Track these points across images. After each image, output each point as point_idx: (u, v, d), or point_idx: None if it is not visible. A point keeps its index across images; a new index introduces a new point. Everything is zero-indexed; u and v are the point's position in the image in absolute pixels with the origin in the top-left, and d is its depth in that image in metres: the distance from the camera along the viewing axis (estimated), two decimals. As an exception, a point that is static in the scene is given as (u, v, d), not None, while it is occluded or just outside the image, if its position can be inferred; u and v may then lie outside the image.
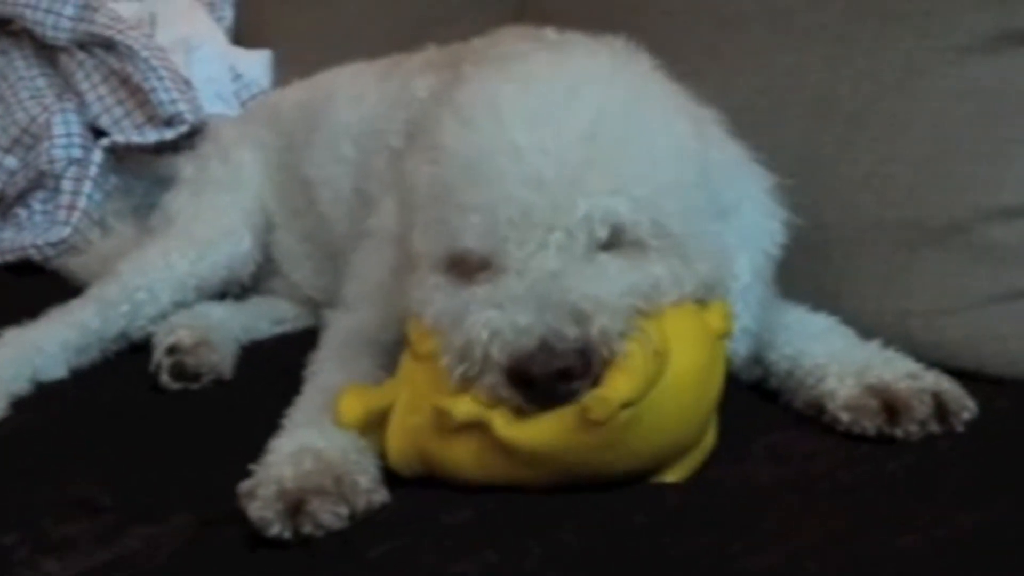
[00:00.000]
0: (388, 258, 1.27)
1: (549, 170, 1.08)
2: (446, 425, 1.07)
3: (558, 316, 1.04)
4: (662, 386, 1.06)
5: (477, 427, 1.07)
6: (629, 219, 1.09)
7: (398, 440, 1.13)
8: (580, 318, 1.04)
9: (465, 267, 1.12)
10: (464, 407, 1.06)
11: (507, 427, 1.06)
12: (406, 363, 1.15)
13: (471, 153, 1.12)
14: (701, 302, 1.14)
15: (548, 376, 1.04)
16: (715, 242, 1.17)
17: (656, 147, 1.13)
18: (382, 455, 1.14)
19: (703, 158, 1.17)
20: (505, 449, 1.06)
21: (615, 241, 1.10)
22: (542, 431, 1.05)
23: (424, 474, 1.13)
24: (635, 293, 1.08)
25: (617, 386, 1.03)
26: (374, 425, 1.14)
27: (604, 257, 1.10)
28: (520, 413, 1.06)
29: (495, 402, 1.06)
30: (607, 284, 1.07)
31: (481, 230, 1.09)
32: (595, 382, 1.04)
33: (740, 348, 1.23)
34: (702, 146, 1.18)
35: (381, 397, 1.15)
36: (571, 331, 1.04)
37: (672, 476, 1.12)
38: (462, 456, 1.09)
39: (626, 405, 1.03)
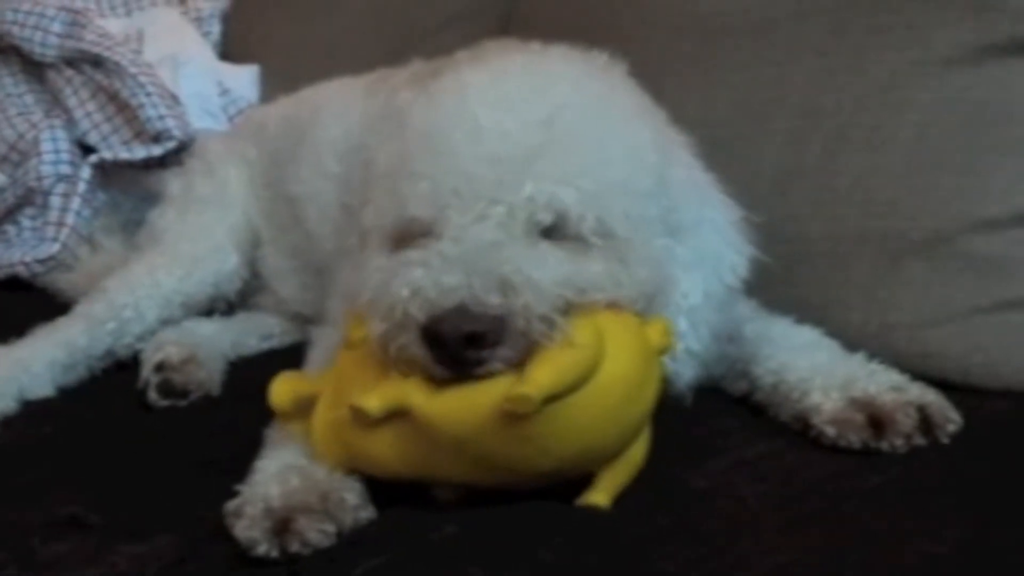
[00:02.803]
0: None
1: (502, 149, 1.09)
2: (364, 421, 1.07)
3: (484, 283, 1.04)
4: (588, 388, 1.04)
5: (396, 416, 1.06)
6: (574, 211, 1.09)
7: (321, 432, 1.13)
8: (506, 289, 1.04)
9: (408, 239, 1.12)
10: (377, 401, 1.05)
11: (426, 403, 1.05)
12: (339, 353, 1.15)
13: (431, 128, 1.13)
14: (642, 315, 1.13)
15: (458, 337, 1.03)
16: (660, 254, 1.17)
17: (612, 148, 1.14)
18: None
19: (661, 171, 1.18)
20: (424, 434, 1.05)
21: (557, 232, 1.10)
22: (461, 413, 1.04)
23: (348, 465, 1.12)
24: (568, 285, 1.07)
25: (538, 379, 1.02)
26: (302, 411, 1.14)
27: (544, 245, 1.10)
28: (435, 384, 1.05)
29: (409, 367, 1.05)
30: (542, 269, 1.06)
31: (427, 197, 1.10)
32: (518, 364, 1.03)
33: (685, 371, 1.22)
34: (661, 159, 1.18)
35: (311, 385, 1.16)
36: (493, 298, 1.03)
37: (601, 497, 1.10)
38: (384, 447, 1.09)
39: (547, 400, 1.02)
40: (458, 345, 1.03)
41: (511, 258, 1.06)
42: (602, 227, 1.11)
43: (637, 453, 1.13)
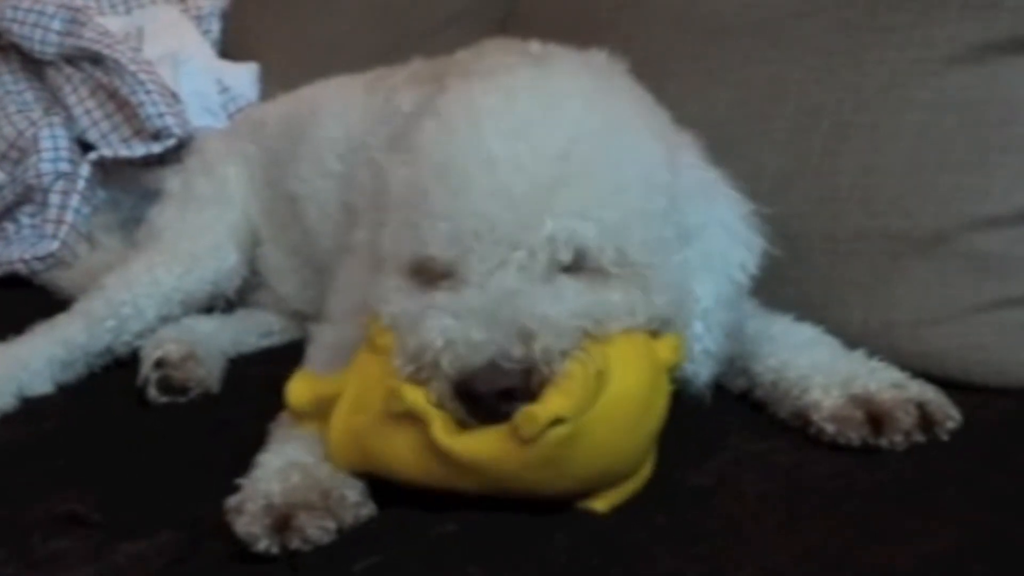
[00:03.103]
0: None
1: (520, 186, 1.09)
2: (394, 407, 1.07)
3: (506, 334, 1.04)
4: (598, 410, 1.05)
5: (418, 424, 1.06)
6: (594, 244, 1.10)
7: (339, 434, 1.13)
8: (525, 337, 1.05)
9: (428, 274, 1.12)
10: (414, 395, 1.06)
11: (444, 435, 1.05)
12: (360, 355, 1.15)
13: (446, 159, 1.13)
14: (654, 333, 1.13)
15: (492, 394, 1.04)
16: (677, 275, 1.17)
17: (627, 174, 1.13)
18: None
19: (672, 187, 1.17)
20: (440, 454, 1.06)
21: (577, 265, 1.11)
22: (476, 444, 1.05)
23: (361, 470, 1.13)
24: (586, 316, 1.08)
25: (549, 403, 1.03)
26: (321, 412, 1.15)
27: (563, 279, 1.10)
28: (462, 425, 1.06)
29: (440, 407, 1.06)
30: (559, 304, 1.07)
31: (447, 239, 1.10)
32: (533, 399, 1.04)
33: (702, 371, 1.23)
34: (673, 175, 1.18)
35: (331, 385, 1.16)
36: (517, 350, 1.04)
37: (601, 504, 1.10)
38: (401, 453, 1.09)
39: (557, 422, 1.02)
40: (492, 400, 1.04)
41: (529, 304, 1.06)
42: (621, 256, 1.11)
43: (646, 468, 1.13)
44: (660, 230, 1.15)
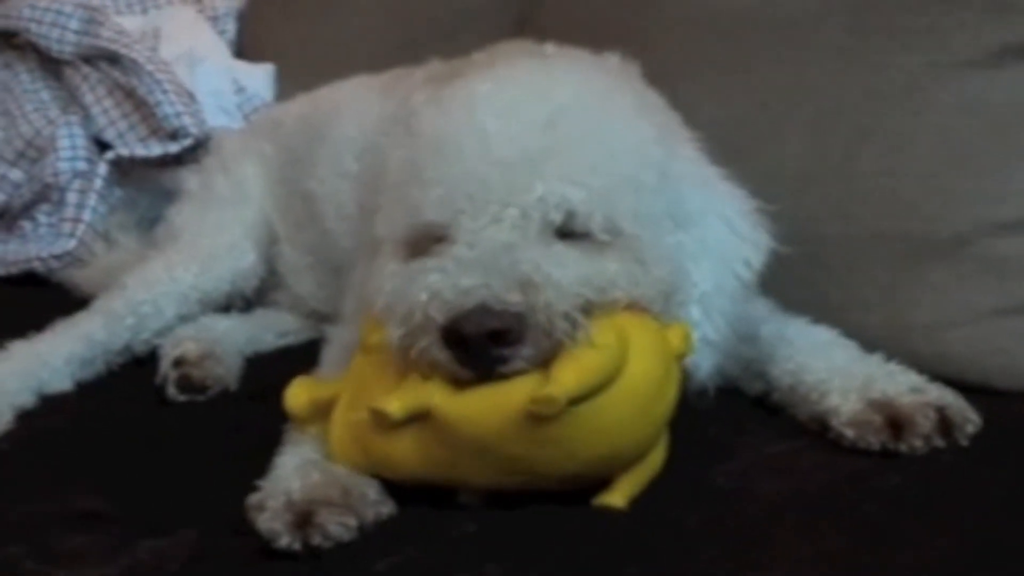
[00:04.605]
0: None
1: (511, 153, 1.10)
2: (385, 425, 1.07)
3: (503, 282, 1.04)
4: (613, 390, 1.04)
5: (417, 419, 1.06)
6: (582, 209, 1.10)
7: (340, 435, 1.13)
8: (527, 287, 1.04)
9: (422, 245, 1.13)
10: (398, 404, 1.05)
11: (447, 403, 1.05)
12: (356, 357, 1.15)
13: (440, 134, 1.15)
14: (662, 317, 1.14)
15: (480, 335, 1.03)
16: (673, 252, 1.17)
17: (615, 146, 1.15)
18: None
19: (664, 165, 1.18)
20: (445, 435, 1.06)
21: (569, 231, 1.11)
22: (483, 414, 1.04)
23: (368, 470, 1.13)
24: (587, 284, 1.08)
25: (562, 381, 1.02)
26: (319, 415, 1.15)
27: (560, 246, 1.10)
28: (457, 386, 1.05)
29: (431, 370, 1.06)
30: (562, 268, 1.07)
31: (440, 203, 1.11)
32: (540, 364, 1.04)
33: (703, 362, 1.22)
34: (664, 154, 1.19)
35: (327, 389, 1.16)
36: (513, 296, 1.04)
37: (617, 498, 1.10)
38: (405, 450, 1.09)
39: (571, 401, 1.02)
40: (481, 343, 1.03)
41: (529, 258, 1.07)
42: (610, 224, 1.11)
43: (656, 457, 1.13)
44: (651, 204, 1.15)
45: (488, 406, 1.05)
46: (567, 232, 1.11)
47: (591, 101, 1.17)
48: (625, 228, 1.12)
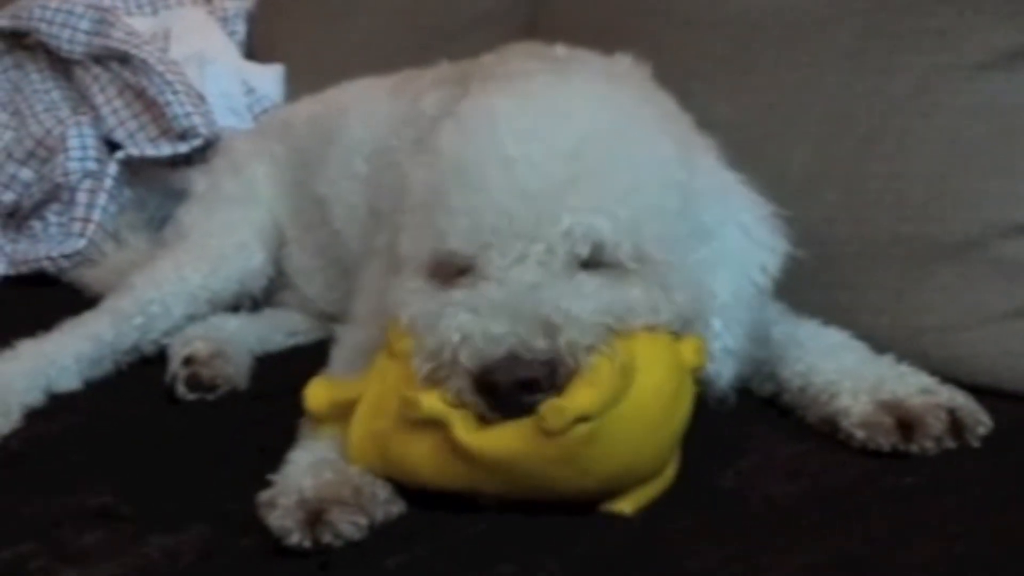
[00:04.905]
0: None
1: (535, 183, 1.10)
2: (411, 416, 1.07)
3: (529, 328, 1.05)
4: (623, 406, 1.05)
5: (438, 427, 1.06)
6: (610, 239, 1.10)
7: (359, 437, 1.13)
8: (550, 330, 1.05)
9: (447, 272, 1.13)
10: (431, 401, 1.07)
11: (467, 433, 1.05)
12: (380, 360, 1.16)
13: (464, 160, 1.14)
14: (676, 335, 1.13)
15: (512, 385, 1.04)
16: (696, 274, 1.17)
17: (641, 171, 1.14)
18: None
19: (687, 186, 1.18)
20: (463, 454, 1.06)
21: (595, 261, 1.11)
22: (500, 439, 1.05)
23: (382, 474, 1.13)
24: (608, 312, 1.08)
25: (576, 398, 1.03)
26: (339, 416, 1.15)
27: (583, 275, 1.10)
28: (483, 420, 1.06)
29: (460, 404, 1.06)
30: (582, 300, 1.07)
31: (466, 233, 1.11)
32: (558, 394, 1.04)
33: (723, 370, 1.22)
34: (687, 174, 1.18)
35: (348, 390, 1.16)
36: (540, 343, 1.04)
37: (626, 506, 1.10)
38: (421, 457, 1.09)
39: (583, 419, 1.02)
40: (513, 392, 1.04)
41: (551, 297, 1.07)
42: (638, 252, 1.11)
43: (669, 470, 1.13)
44: (676, 228, 1.15)
45: (505, 433, 1.05)
46: (593, 261, 1.11)
47: (614, 123, 1.16)
48: (652, 254, 1.12)
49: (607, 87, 1.23)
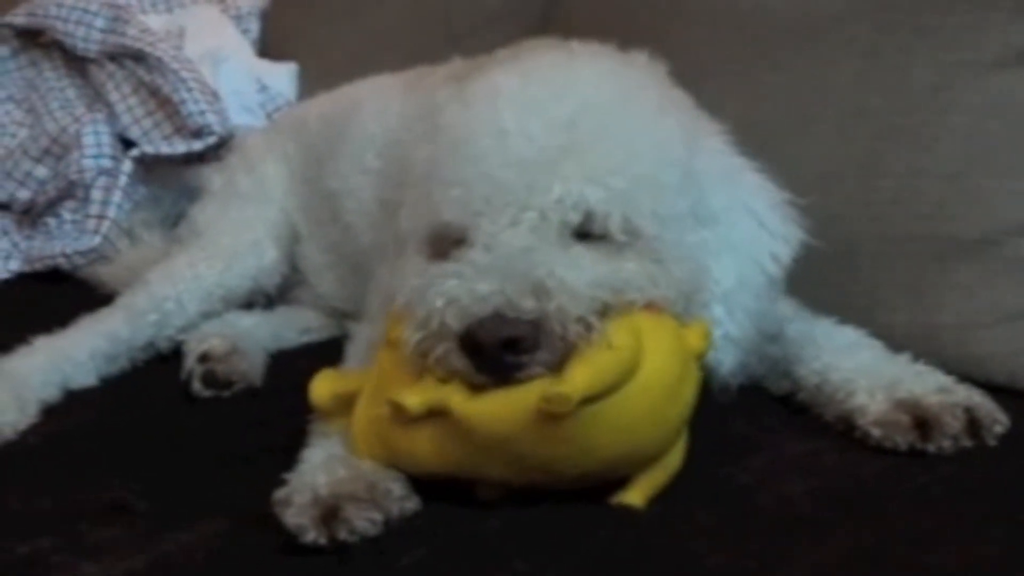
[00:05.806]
0: None
1: (529, 153, 1.10)
2: (402, 418, 1.07)
3: (518, 288, 1.04)
4: (628, 389, 1.04)
5: (436, 415, 1.06)
6: (601, 209, 1.10)
7: (362, 429, 1.14)
8: (540, 293, 1.04)
9: (443, 247, 1.13)
10: (416, 398, 1.06)
11: (465, 403, 1.05)
12: (379, 350, 1.16)
13: (461, 132, 1.15)
14: (680, 318, 1.13)
15: (496, 343, 1.03)
16: (694, 252, 1.17)
17: (637, 144, 1.14)
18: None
19: (688, 164, 1.17)
20: (463, 434, 1.06)
21: (587, 231, 1.11)
22: (500, 413, 1.05)
23: (388, 463, 1.13)
24: (603, 286, 1.07)
25: (576, 380, 1.02)
26: (343, 408, 1.15)
27: (578, 248, 1.10)
28: (475, 389, 1.05)
29: (449, 375, 1.06)
30: (576, 271, 1.07)
31: (459, 203, 1.11)
32: (557, 367, 1.04)
33: (725, 358, 1.22)
34: (689, 153, 1.18)
35: (351, 382, 1.17)
36: (527, 303, 1.04)
37: (635, 497, 1.10)
38: (422, 445, 1.09)
39: (585, 400, 1.02)
40: (496, 351, 1.03)
41: (544, 262, 1.07)
42: (629, 225, 1.11)
43: (674, 457, 1.12)
44: (673, 205, 1.15)
45: (503, 406, 1.05)
46: (586, 233, 1.11)
47: (614, 98, 1.16)
48: (644, 228, 1.12)
49: (609, 65, 1.22)
